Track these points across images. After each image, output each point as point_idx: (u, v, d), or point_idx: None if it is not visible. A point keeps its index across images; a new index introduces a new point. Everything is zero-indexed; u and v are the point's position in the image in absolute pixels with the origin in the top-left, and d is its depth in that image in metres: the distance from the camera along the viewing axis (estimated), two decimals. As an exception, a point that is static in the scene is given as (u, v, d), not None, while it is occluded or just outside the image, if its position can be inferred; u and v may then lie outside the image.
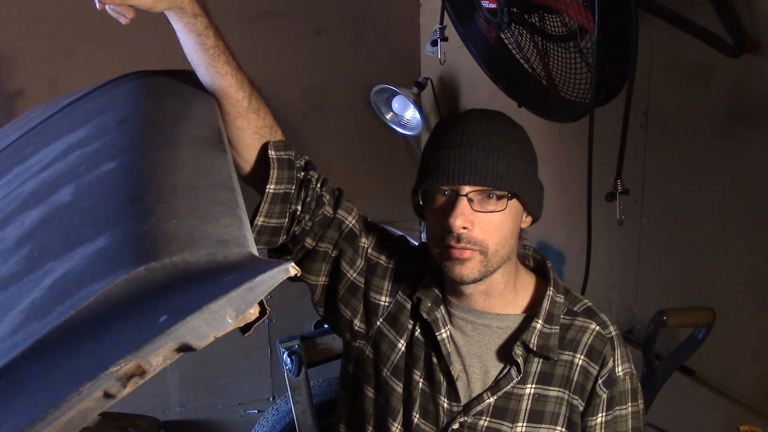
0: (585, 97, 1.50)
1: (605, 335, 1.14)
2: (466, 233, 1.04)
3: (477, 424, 1.12)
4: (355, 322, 1.20)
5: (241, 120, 1.09)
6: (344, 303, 1.20)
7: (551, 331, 1.12)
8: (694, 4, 1.43)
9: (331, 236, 1.17)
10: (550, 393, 1.12)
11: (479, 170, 1.03)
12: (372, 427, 1.21)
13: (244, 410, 2.83)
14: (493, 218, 1.05)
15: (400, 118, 2.68)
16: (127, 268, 0.60)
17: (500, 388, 1.12)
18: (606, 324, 1.15)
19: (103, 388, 0.52)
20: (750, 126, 1.45)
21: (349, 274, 1.18)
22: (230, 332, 0.58)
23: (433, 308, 1.15)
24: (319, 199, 1.15)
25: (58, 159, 0.88)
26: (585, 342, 1.13)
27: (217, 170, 0.82)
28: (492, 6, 1.59)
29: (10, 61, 2.25)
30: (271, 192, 1.10)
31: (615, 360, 1.13)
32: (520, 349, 1.11)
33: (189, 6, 0.98)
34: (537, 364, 1.12)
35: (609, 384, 1.12)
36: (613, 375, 1.12)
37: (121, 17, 0.96)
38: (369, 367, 1.21)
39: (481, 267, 1.06)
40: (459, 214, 1.02)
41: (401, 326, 1.18)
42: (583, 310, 1.17)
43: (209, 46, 1.02)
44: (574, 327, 1.14)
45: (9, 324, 0.62)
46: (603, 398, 1.12)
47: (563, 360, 1.12)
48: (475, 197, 1.04)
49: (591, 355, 1.12)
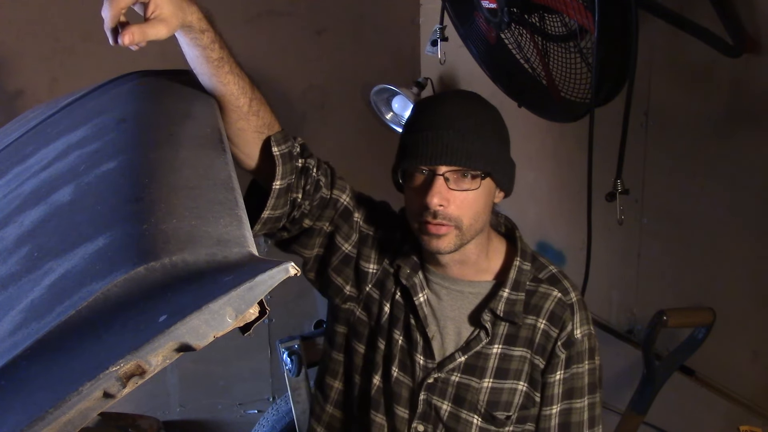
0: (585, 97, 1.50)
1: (566, 301, 1.23)
2: (442, 210, 1.12)
3: (449, 379, 1.24)
4: (346, 288, 1.29)
5: (242, 122, 1.10)
6: (336, 272, 1.28)
7: (517, 298, 1.22)
8: (694, 4, 1.43)
9: (328, 215, 1.24)
10: (514, 353, 1.23)
11: (455, 152, 1.11)
12: (358, 377, 1.31)
13: (244, 410, 2.83)
14: (468, 196, 1.13)
15: (400, 118, 2.68)
16: (126, 267, 0.60)
17: (470, 349, 1.23)
18: (567, 291, 1.25)
19: (102, 388, 0.52)
20: (750, 126, 1.45)
21: (344, 248, 1.27)
22: (230, 332, 0.58)
23: (411, 274, 1.25)
24: (316, 184, 1.20)
25: (57, 159, 0.88)
26: (546, 308, 1.23)
27: (217, 170, 0.82)
28: (492, 6, 1.59)
29: (10, 61, 2.25)
30: (278, 188, 1.13)
31: (574, 323, 1.23)
32: (488, 316, 1.22)
33: (197, 23, 0.96)
34: (504, 327, 1.23)
35: (567, 345, 1.22)
36: (571, 337, 1.22)
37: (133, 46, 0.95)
38: (360, 326, 1.31)
39: (456, 240, 1.15)
40: (436, 192, 1.11)
41: (387, 290, 1.28)
42: (547, 277, 1.26)
43: (213, 58, 1.01)
44: (538, 294, 1.24)
45: (9, 324, 0.62)
46: (561, 358, 1.22)
47: (527, 324, 1.23)
48: (451, 176, 1.12)
49: (552, 319, 1.23)
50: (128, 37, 0.89)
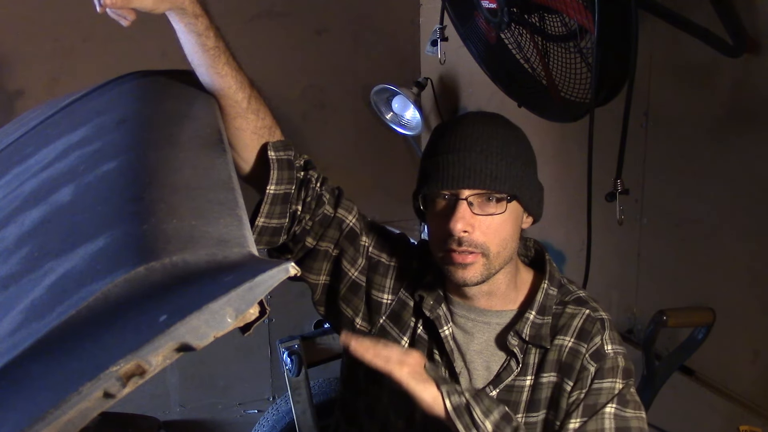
0: (585, 97, 1.50)
1: (595, 317, 1.14)
2: (467, 236, 1.05)
3: None
4: (356, 321, 1.20)
5: (240, 120, 1.09)
6: (346, 302, 1.20)
7: (543, 322, 1.14)
8: (694, 4, 1.43)
9: (331, 235, 1.18)
10: (543, 379, 1.13)
11: (478, 174, 1.04)
12: (377, 422, 1.21)
13: (244, 410, 2.82)
14: (494, 221, 1.06)
15: (400, 118, 2.68)
16: (127, 267, 0.60)
17: (501, 381, 1.13)
18: (596, 309, 1.16)
19: (103, 387, 0.52)
20: (750, 126, 1.45)
21: (350, 273, 1.19)
22: (230, 332, 0.58)
23: (435, 306, 1.16)
24: (319, 199, 1.15)
25: (58, 159, 0.88)
26: (575, 325, 1.14)
27: (217, 170, 0.82)
28: (492, 6, 1.59)
29: (10, 61, 2.25)
30: (271, 193, 1.10)
31: (604, 338, 1.12)
32: (514, 339, 1.13)
33: (190, 6, 0.98)
34: (535, 355, 1.14)
35: (597, 358, 1.11)
36: (601, 350, 1.11)
37: (122, 19, 0.96)
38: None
39: (484, 270, 1.07)
40: (459, 218, 1.04)
41: (404, 323, 1.19)
42: (573, 299, 1.18)
43: (210, 46, 1.02)
44: (565, 315, 1.15)
45: (9, 324, 0.62)
46: (590, 371, 1.10)
47: (555, 345, 1.13)
48: (475, 200, 1.05)
49: (580, 335, 1.13)
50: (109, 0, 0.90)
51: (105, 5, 0.91)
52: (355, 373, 1.25)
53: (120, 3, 0.91)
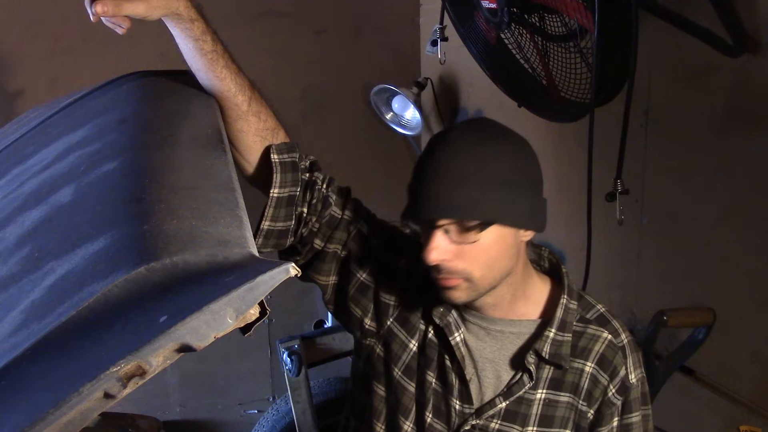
0: (585, 97, 1.50)
1: (617, 344, 1.14)
2: (446, 264, 1.03)
3: (488, 426, 1.13)
4: (365, 321, 1.19)
5: (241, 123, 1.09)
6: (354, 302, 1.20)
7: (563, 339, 1.12)
8: (694, 4, 1.43)
9: (339, 237, 1.17)
10: (560, 398, 1.12)
11: (446, 204, 1.00)
12: (382, 424, 1.20)
13: (244, 410, 2.83)
14: (473, 247, 1.02)
15: (400, 118, 2.68)
16: (127, 268, 0.60)
17: (512, 394, 1.12)
18: (618, 332, 1.15)
19: (103, 388, 0.52)
20: (750, 126, 1.45)
21: (358, 275, 1.19)
22: (230, 332, 0.58)
23: (445, 313, 1.14)
24: (325, 200, 1.15)
25: (58, 159, 0.88)
26: (597, 351, 1.13)
27: (218, 170, 0.82)
28: (492, 6, 1.59)
29: (10, 61, 2.25)
30: (275, 196, 1.10)
31: (627, 368, 1.13)
32: (533, 358, 1.11)
33: (185, 11, 0.97)
34: (548, 371, 1.13)
35: (623, 391, 1.13)
36: (626, 382, 1.13)
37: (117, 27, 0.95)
38: (380, 365, 1.20)
39: (471, 291, 1.06)
40: (433, 248, 1.02)
41: (412, 326, 1.18)
42: (596, 317, 1.16)
43: (207, 50, 1.02)
44: (586, 335, 1.13)
45: (9, 324, 0.62)
46: (618, 405, 1.13)
47: (574, 367, 1.12)
48: (451, 228, 1.02)
49: (602, 364, 1.12)
50: (101, 7, 0.89)
51: (97, 14, 0.90)
52: (365, 370, 1.24)
53: (111, 11, 0.90)
